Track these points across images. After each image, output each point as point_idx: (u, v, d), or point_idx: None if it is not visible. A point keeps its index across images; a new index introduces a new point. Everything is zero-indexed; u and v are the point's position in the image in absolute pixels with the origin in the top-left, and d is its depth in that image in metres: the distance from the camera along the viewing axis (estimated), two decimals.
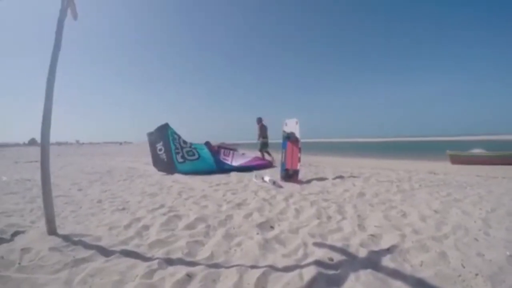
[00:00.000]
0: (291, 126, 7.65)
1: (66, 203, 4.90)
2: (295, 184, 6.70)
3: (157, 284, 2.18)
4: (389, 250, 2.75)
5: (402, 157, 23.71)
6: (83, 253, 2.71)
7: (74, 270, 2.37)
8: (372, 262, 2.50)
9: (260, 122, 11.68)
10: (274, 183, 6.43)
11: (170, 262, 2.55)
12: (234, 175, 8.16)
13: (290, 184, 6.72)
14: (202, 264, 2.50)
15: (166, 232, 3.34)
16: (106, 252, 2.75)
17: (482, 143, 34.68)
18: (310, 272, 2.28)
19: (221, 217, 3.89)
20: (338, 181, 7.08)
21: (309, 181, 7.18)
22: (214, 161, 9.58)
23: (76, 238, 3.04)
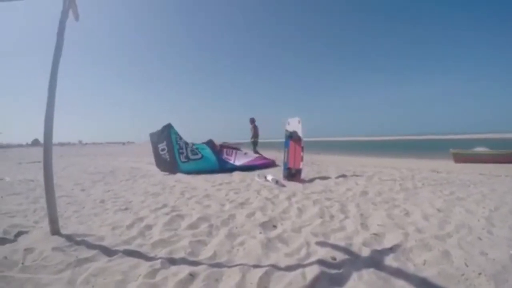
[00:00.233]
0: (294, 125, 7.64)
1: (69, 203, 4.91)
2: (298, 183, 6.69)
3: (160, 283, 2.18)
4: (392, 249, 2.74)
5: (405, 155, 23.66)
6: (86, 253, 2.71)
7: (77, 270, 2.38)
8: (375, 261, 2.50)
9: (253, 122, 12.21)
10: (276, 182, 6.43)
11: (173, 261, 2.55)
12: (236, 175, 8.16)
13: (293, 183, 6.72)
14: (204, 263, 2.50)
15: (169, 231, 3.34)
16: (109, 252, 2.75)
17: (485, 142, 34.57)
18: (312, 271, 2.27)
19: (223, 216, 3.89)
20: (340, 180, 7.06)
21: (311, 180, 7.17)
22: (216, 160, 9.59)
23: (79, 238, 3.05)
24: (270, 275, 2.26)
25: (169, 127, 9.68)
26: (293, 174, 7.24)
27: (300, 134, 7.47)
